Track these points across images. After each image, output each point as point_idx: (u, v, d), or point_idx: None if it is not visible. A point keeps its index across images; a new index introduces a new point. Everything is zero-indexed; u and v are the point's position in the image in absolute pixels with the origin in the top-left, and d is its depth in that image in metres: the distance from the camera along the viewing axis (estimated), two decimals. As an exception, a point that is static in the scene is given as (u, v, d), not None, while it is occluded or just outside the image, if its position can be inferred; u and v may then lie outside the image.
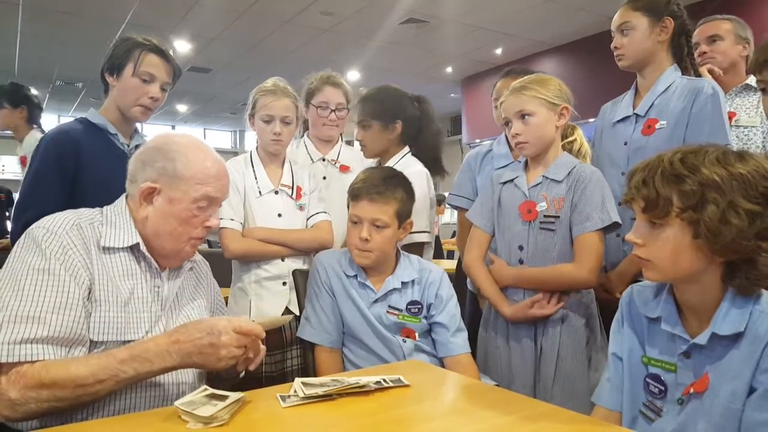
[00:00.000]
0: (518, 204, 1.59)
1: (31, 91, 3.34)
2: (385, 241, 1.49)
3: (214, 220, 1.20)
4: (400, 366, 1.35)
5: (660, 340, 1.06)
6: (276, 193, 1.85)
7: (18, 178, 3.17)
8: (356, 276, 1.52)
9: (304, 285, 1.64)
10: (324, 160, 2.08)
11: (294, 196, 1.87)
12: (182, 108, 10.42)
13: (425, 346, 1.52)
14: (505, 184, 1.65)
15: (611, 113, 1.84)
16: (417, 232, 1.87)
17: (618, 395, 1.11)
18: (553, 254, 1.53)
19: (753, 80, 2.20)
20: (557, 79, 1.58)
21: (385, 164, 1.94)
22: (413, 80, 7.83)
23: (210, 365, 1.02)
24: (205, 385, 1.01)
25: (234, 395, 0.96)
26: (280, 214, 1.83)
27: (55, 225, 1.06)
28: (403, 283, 1.53)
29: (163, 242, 1.15)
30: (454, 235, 6.44)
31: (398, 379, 1.11)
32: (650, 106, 1.70)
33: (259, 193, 1.83)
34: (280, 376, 1.75)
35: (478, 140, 7.88)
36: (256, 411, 0.96)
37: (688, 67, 1.75)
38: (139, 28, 5.71)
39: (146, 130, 1.82)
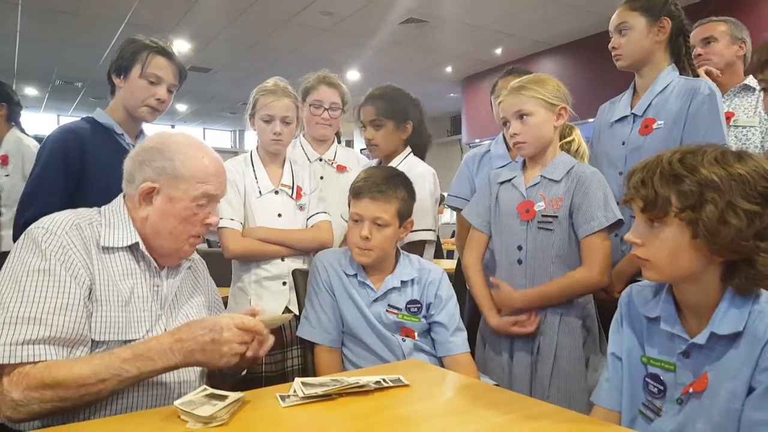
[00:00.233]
0: (516, 204, 1.59)
1: (11, 88, 3.16)
2: (386, 239, 1.49)
3: (213, 217, 1.20)
4: (400, 366, 1.35)
5: (659, 340, 1.06)
6: (276, 193, 1.85)
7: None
8: (356, 275, 1.53)
9: (304, 285, 1.64)
10: (321, 160, 2.08)
11: (294, 196, 1.87)
12: (182, 107, 10.41)
13: (425, 346, 1.52)
14: (502, 183, 1.65)
15: (609, 113, 1.84)
16: (423, 230, 1.89)
17: (617, 395, 1.11)
18: (551, 254, 1.53)
19: (751, 80, 2.21)
20: (555, 80, 1.58)
21: (389, 164, 1.93)
22: (413, 80, 7.83)
23: (213, 362, 1.02)
24: (204, 385, 1.01)
25: (233, 395, 0.96)
26: (280, 214, 1.83)
27: (55, 225, 1.06)
28: (403, 283, 1.53)
29: (162, 241, 1.16)
30: (453, 235, 6.44)
31: (398, 379, 1.11)
32: (648, 106, 1.70)
33: (259, 193, 1.83)
34: (280, 376, 1.75)
35: (477, 140, 7.89)
36: (255, 411, 0.96)
37: (686, 67, 1.75)
38: (139, 27, 5.70)
39: (146, 130, 1.84)
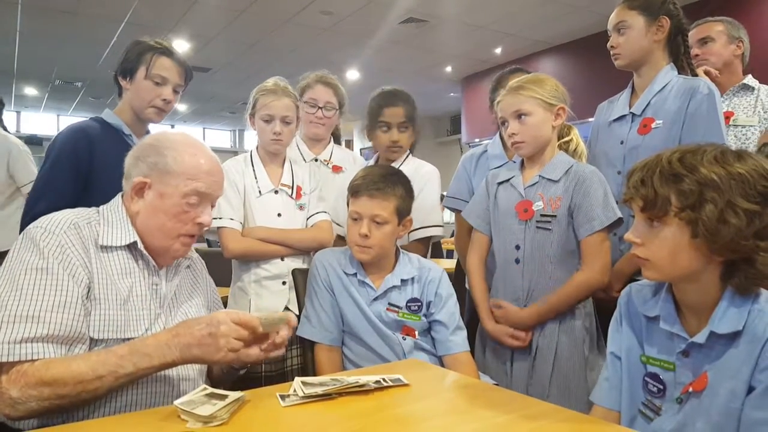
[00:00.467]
0: (514, 204, 1.59)
1: None
2: (385, 237, 1.49)
3: (206, 216, 1.18)
4: (400, 365, 1.35)
5: (659, 339, 1.06)
6: (276, 192, 1.85)
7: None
8: (356, 274, 1.53)
9: (304, 284, 1.64)
10: (316, 160, 2.08)
11: (294, 195, 1.87)
12: (181, 107, 10.41)
13: (425, 344, 1.52)
14: (501, 183, 1.65)
15: (607, 112, 1.84)
16: (432, 227, 1.91)
17: (617, 394, 1.11)
18: (549, 253, 1.54)
19: (750, 79, 2.21)
20: (554, 80, 1.58)
21: (393, 164, 1.93)
22: (413, 80, 7.82)
23: (210, 357, 1.01)
24: (204, 384, 1.01)
25: (233, 394, 0.96)
26: (279, 214, 1.83)
27: (53, 224, 1.07)
28: (403, 281, 1.53)
29: (152, 238, 1.15)
30: (452, 235, 6.43)
31: (398, 379, 1.11)
32: (646, 105, 1.70)
33: (259, 192, 1.83)
34: (280, 375, 1.75)
35: (477, 140, 7.88)
36: (255, 410, 0.96)
37: (685, 67, 1.75)
38: (138, 27, 5.70)
39: (151, 131, 1.85)
